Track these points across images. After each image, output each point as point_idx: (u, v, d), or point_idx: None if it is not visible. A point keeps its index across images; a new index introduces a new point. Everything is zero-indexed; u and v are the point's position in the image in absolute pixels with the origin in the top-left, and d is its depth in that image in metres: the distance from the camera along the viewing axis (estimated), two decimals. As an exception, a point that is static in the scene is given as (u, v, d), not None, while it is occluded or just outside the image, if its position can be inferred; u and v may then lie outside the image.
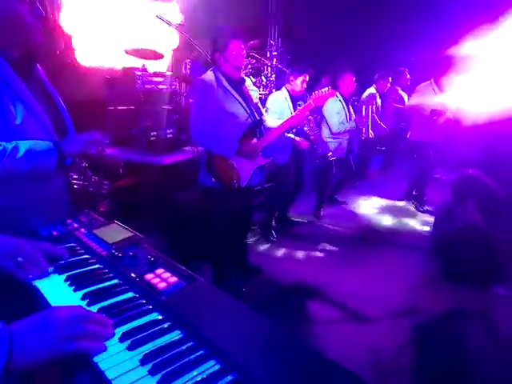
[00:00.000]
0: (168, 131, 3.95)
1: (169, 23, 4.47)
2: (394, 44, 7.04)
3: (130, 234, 1.12)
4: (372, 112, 4.25)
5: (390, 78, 5.08)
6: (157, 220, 3.30)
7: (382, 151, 6.08)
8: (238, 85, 2.48)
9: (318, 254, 3.47)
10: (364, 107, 4.13)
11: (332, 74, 6.51)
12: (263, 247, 3.54)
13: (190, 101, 3.99)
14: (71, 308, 0.72)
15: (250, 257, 3.08)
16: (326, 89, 2.63)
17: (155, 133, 3.87)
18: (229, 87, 2.40)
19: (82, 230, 1.16)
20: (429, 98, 4.29)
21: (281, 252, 3.48)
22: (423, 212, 4.59)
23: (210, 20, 7.33)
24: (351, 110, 4.21)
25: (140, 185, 3.47)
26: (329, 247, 3.60)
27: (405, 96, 5.51)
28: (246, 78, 2.62)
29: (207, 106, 2.33)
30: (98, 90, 3.72)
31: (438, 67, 4.47)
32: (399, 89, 5.53)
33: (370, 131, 4.27)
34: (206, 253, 2.90)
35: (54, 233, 1.09)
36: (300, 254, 3.43)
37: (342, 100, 4.07)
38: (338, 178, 4.62)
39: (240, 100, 2.45)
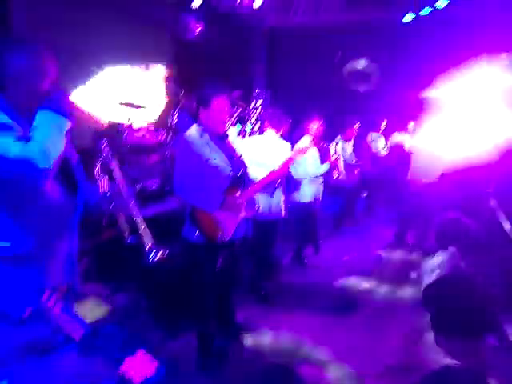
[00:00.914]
0: (152, 182, 3.97)
1: (137, 106, 4.48)
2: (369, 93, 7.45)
3: (107, 310, 1.07)
4: (337, 155, 4.27)
5: (356, 126, 5.25)
6: (139, 277, 3.20)
7: (365, 196, 6.20)
8: (222, 139, 2.53)
9: (305, 310, 3.37)
10: (333, 146, 4.21)
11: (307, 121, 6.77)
12: (252, 303, 3.43)
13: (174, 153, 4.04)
14: None
15: (238, 314, 2.98)
16: (306, 141, 2.71)
17: (140, 184, 3.87)
18: (211, 143, 2.45)
19: (57, 306, 1.10)
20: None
21: (268, 308, 3.38)
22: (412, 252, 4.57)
23: (196, 71, 7.67)
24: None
25: (121, 240, 3.39)
26: (315, 301, 3.52)
27: (380, 142, 5.73)
28: (229, 130, 2.69)
29: (190, 162, 2.36)
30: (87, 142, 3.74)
31: (412, 110, 4.70)
32: (375, 135, 5.76)
33: (342, 171, 4.33)
34: (189, 311, 2.80)
35: (25, 314, 1.04)
36: (286, 311, 3.33)
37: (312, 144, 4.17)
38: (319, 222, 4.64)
39: (223, 154, 2.49)
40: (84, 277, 3.38)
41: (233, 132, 2.74)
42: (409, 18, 7.24)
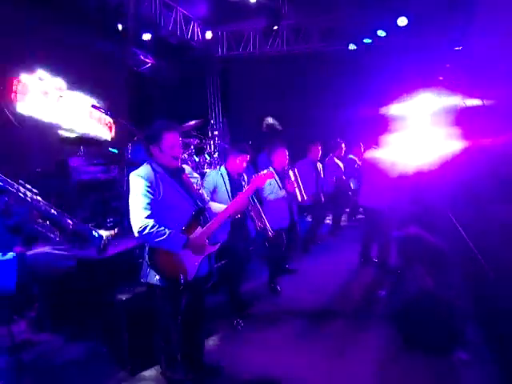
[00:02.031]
0: (108, 220, 3.74)
1: (105, 112, 4.52)
2: (326, 115, 7.74)
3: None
4: (295, 180, 4.31)
5: (319, 147, 5.38)
6: (96, 323, 2.95)
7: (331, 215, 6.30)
8: (178, 174, 2.43)
9: (279, 336, 3.26)
10: (291, 172, 4.25)
11: (268, 148, 6.89)
12: (221, 338, 3.25)
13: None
14: None
15: (208, 353, 2.79)
16: (266, 171, 2.68)
17: (93, 223, 3.63)
18: (167, 178, 2.34)
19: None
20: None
21: (241, 341, 3.22)
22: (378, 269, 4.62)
23: (151, 103, 7.59)
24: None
25: (75, 283, 3.13)
26: (288, 327, 3.42)
27: (341, 164, 5.89)
28: (185, 166, 2.59)
29: (145, 200, 2.23)
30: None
31: (374, 127, 4.88)
32: (335, 158, 5.91)
33: (303, 194, 4.34)
34: (155, 357, 2.61)
35: None
36: (259, 341, 3.20)
37: (274, 173, 4.18)
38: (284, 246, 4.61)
39: (181, 190, 2.39)
40: (35, 325, 3.09)
41: (189, 170, 2.68)
42: (352, 46, 7.70)
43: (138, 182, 2.26)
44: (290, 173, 4.18)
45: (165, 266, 2.25)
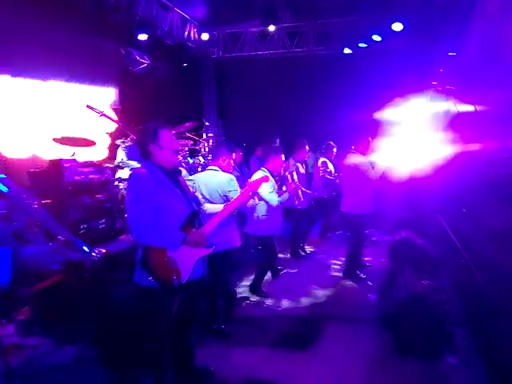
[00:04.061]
0: (100, 221, 3.72)
1: (100, 113, 4.50)
2: (322, 117, 7.79)
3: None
4: (295, 183, 4.29)
5: (306, 147, 5.36)
6: (87, 326, 2.93)
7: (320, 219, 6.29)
8: (174, 176, 2.44)
9: (267, 340, 3.26)
10: (289, 175, 4.23)
11: (263, 146, 6.88)
12: (211, 342, 3.25)
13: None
14: None
15: (197, 357, 2.80)
16: (260, 175, 2.70)
17: (85, 225, 3.62)
18: (165, 180, 2.35)
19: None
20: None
21: (229, 345, 3.22)
22: (364, 280, 4.57)
23: (146, 104, 7.56)
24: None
25: (66, 285, 3.11)
26: (277, 331, 3.42)
27: (332, 168, 5.90)
28: (181, 169, 2.61)
29: (144, 201, 2.24)
30: (21, 185, 3.47)
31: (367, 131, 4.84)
32: (327, 161, 5.93)
33: (301, 197, 4.34)
34: (145, 359, 2.60)
35: None
36: (249, 345, 3.20)
37: (270, 177, 4.19)
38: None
39: (177, 191, 2.40)
40: (24, 329, 3.06)
41: (185, 173, 2.68)
42: (348, 50, 7.76)
43: (136, 183, 2.27)
44: (288, 175, 4.18)
45: (158, 267, 2.25)
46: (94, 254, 1.66)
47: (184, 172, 2.65)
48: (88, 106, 4.55)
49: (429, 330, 2.79)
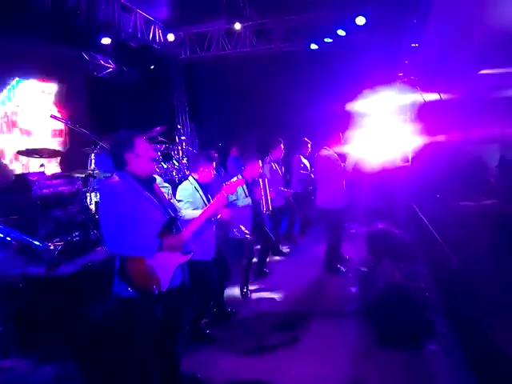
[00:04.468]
0: (74, 234, 3.60)
1: (65, 122, 4.36)
2: (292, 114, 7.83)
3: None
4: (265, 185, 4.27)
5: (282, 145, 5.37)
6: (64, 342, 2.83)
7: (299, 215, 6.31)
8: (149, 184, 2.40)
9: (252, 342, 3.22)
10: (261, 180, 4.21)
11: (239, 145, 6.86)
12: (196, 348, 3.20)
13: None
14: None
15: (183, 364, 2.75)
16: (236, 178, 2.69)
17: (58, 239, 3.49)
18: (139, 188, 2.30)
19: None
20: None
21: (215, 349, 3.19)
22: (344, 273, 4.61)
23: (114, 110, 7.37)
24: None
25: (42, 301, 2.99)
26: (260, 331, 3.37)
27: (307, 163, 5.96)
28: (156, 176, 2.56)
29: (117, 211, 2.18)
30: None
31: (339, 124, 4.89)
32: (302, 157, 5.98)
33: (269, 205, 4.21)
34: (130, 371, 2.53)
35: None
36: (234, 347, 3.17)
37: (244, 180, 4.16)
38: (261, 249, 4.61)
39: (152, 199, 2.35)
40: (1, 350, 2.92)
41: (159, 180, 2.63)
42: (314, 46, 7.84)
43: (109, 193, 2.21)
44: (260, 181, 4.15)
45: (137, 277, 2.20)
46: (51, 248, 1.59)
47: (159, 179, 2.60)
48: (52, 116, 4.41)
49: (409, 319, 2.86)
